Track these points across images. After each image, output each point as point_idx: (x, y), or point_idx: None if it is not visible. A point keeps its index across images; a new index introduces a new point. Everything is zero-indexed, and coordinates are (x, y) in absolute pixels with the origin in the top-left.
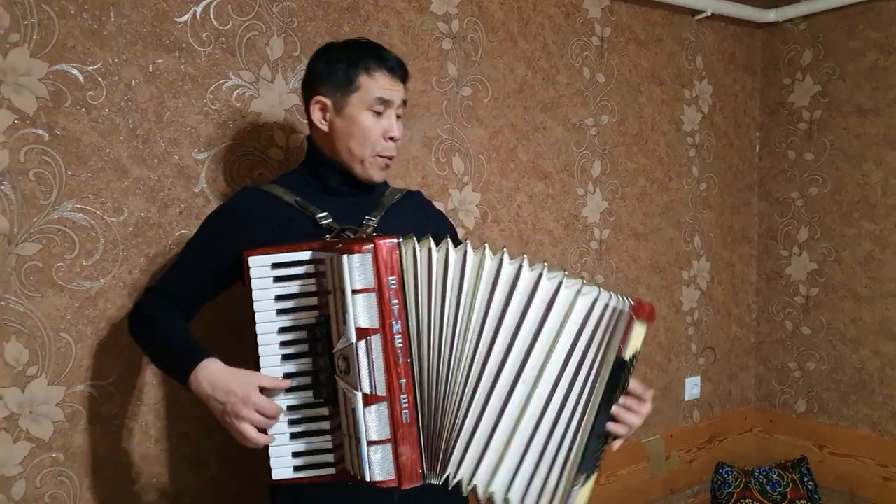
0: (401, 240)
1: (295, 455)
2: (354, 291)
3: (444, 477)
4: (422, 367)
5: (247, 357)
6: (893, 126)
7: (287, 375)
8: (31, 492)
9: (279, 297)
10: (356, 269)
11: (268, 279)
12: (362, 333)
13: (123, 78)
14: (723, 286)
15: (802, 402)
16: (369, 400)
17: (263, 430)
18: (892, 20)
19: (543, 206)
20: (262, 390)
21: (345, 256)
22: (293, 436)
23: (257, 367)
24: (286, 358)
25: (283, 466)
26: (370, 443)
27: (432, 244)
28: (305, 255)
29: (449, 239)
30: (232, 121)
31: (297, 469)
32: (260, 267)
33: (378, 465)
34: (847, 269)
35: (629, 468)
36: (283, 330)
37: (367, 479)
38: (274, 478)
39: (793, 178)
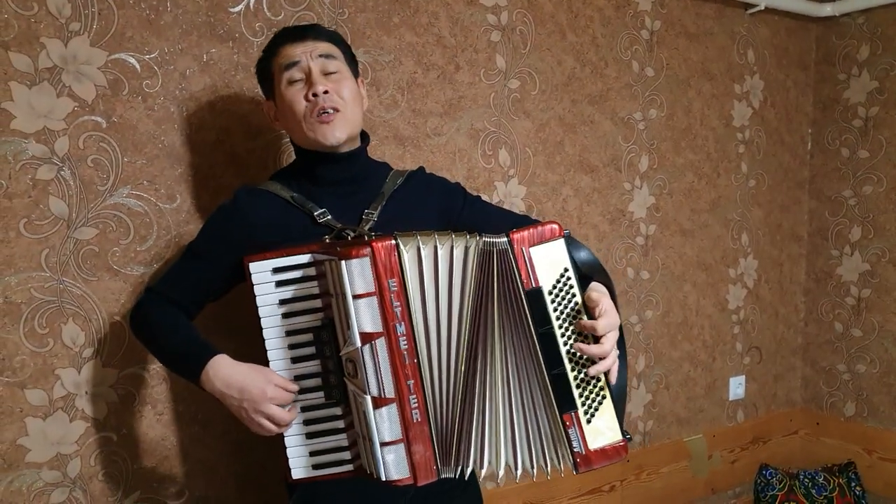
0: (398, 240)
1: (312, 454)
2: (355, 296)
3: (461, 469)
4: (430, 366)
5: (252, 359)
6: None
7: (297, 378)
8: (85, 470)
9: (283, 301)
10: (356, 275)
11: (270, 284)
12: (366, 338)
13: (178, 67)
14: (770, 285)
15: (851, 406)
16: (379, 403)
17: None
18: None
19: (589, 200)
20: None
21: (343, 262)
22: (309, 435)
23: None
24: (295, 360)
25: (301, 466)
26: (383, 444)
27: (420, 242)
28: (305, 258)
29: (436, 234)
30: None
31: (315, 467)
32: (261, 272)
33: (393, 465)
34: None
35: (670, 467)
36: (289, 333)
37: (383, 478)
38: (293, 477)
39: (846, 177)
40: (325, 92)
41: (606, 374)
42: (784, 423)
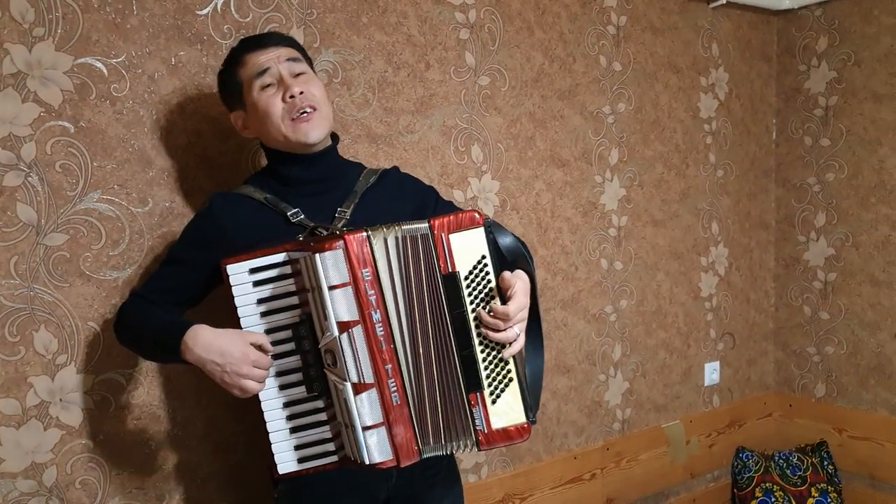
0: (369, 232)
1: (297, 448)
2: (331, 287)
3: (442, 447)
4: (406, 350)
5: None
6: None
7: (278, 374)
8: (62, 478)
9: (261, 301)
10: (330, 267)
11: (247, 284)
12: (344, 326)
13: (147, 70)
14: (741, 272)
15: (822, 387)
16: (359, 388)
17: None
18: None
19: (562, 193)
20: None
21: (317, 255)
22: (293, 430)
23: None
24: (275, 357)
25: (287, 461)
26: (365, 428)
27: (389, 231)
28: (280, 257)
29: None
30: None
31: (300, 461)
32: (238, 274)
33: (375, 448)
34: (864, 254)
35: (649, 453)
36: (268, 331)
37: (367, 462)
38: (280, 472)
39: (809, 164)
40: (301, 93)
41: (515, 357)
42: (758, 406)
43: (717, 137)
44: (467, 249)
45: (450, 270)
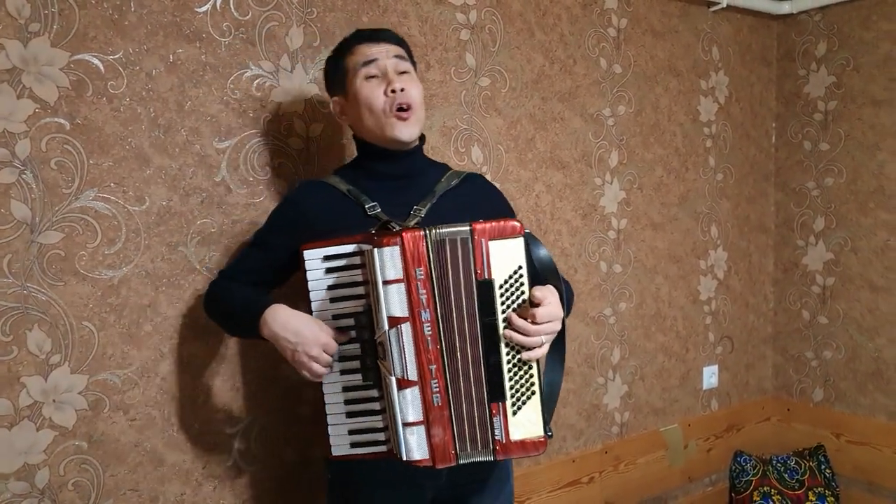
0: (426, 230)
1: (351, 433)
2: (385, 282)
3: (479, 453)
4: (453, 352)
5: None
6: None
7: (340, 359)
8: (54, 479)
9: (331, 287)
10: (387, 262)
11: (320, 270)
12: (394, 322)
13: (144, 67)
14: (740, 276)
15: (819, 391)
16: (402, 384)
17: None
18: None
19: (561, 195)
20: None
21: (376, 250)
22: (348, 415)
23: None
24: (340, 344)
25: (341, 444)
26: (405, 424)
27: (432, 231)
28: (351, 247)
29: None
30: (252, 110)
31: (353, 446)
32: (313, 259)
33: (414, 445)
34: (863, 259)
35: (647, 457)
36: (335, 317)
37: (405, 458)
38: (333, 454)
39: (809, 169)
40: (402, 89)
41: (539, 370)
42: (756, 410)
43: (717, 141)
44: (505, 258)
45: (486, 277)
